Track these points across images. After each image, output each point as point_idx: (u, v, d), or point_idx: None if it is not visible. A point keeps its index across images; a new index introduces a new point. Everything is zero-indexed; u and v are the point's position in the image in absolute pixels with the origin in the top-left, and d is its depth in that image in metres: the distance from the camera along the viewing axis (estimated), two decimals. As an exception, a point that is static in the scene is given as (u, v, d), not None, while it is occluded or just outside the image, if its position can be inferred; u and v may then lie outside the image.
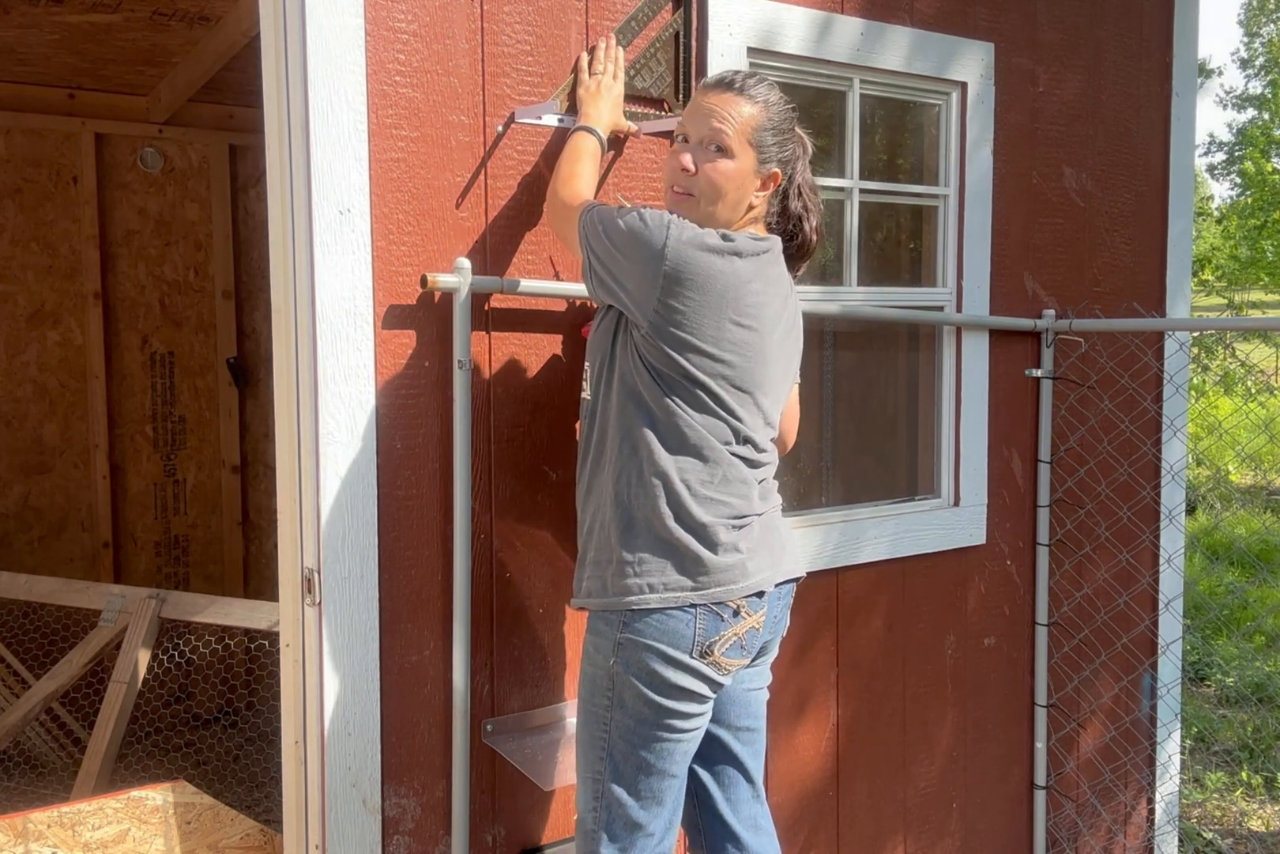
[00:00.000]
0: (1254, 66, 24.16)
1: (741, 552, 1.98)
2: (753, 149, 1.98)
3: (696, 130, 1.99)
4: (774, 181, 2.04)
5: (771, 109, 1.99)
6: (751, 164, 1.99)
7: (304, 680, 2.18)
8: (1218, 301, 12.65)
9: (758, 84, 2.00)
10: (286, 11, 2.07)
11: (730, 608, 1.96)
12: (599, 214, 1.98)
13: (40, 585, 4.00)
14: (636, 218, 1.92)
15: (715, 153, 1.97)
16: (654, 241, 1.89)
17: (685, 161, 1.98)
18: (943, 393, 3.12)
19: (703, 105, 1.99)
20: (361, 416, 2.15)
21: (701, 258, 1.89)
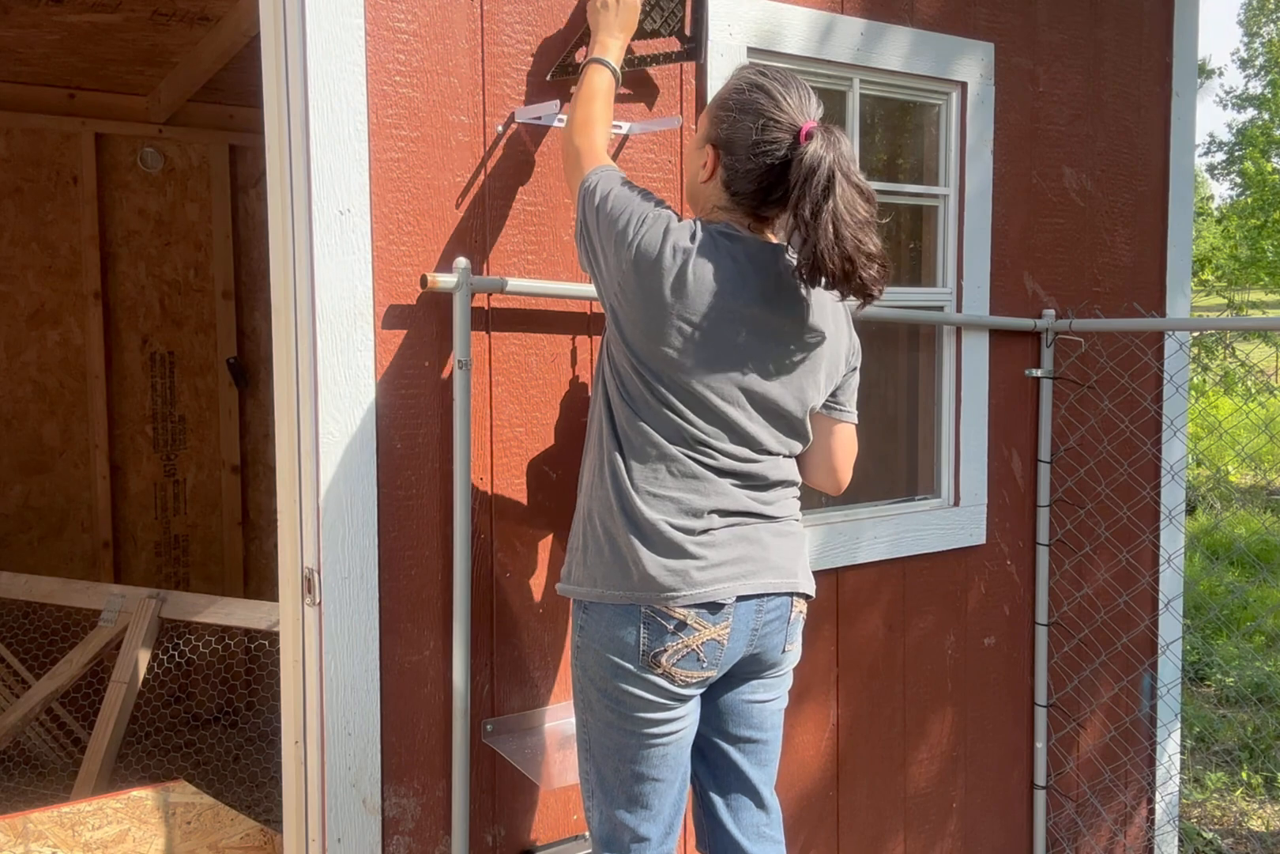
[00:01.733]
0: (1254, 66, 24.16)
1: (695, 558, 1.90)
2: (703, 125, 1.99)
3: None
4: (712, 159, 1.95)
5: (725, 87, 1.96)
6: (696, 140, 2.01)
7: (304, 680, 2.18)
8: (1218, 301, 12.64)
9: (750, 64, 2.03)
10: (286, 11, 2.07)
11: (674, 618, 1.89)
12: (602, 180, 1.97)
13: (40, 585, 4.00)
14: (629, 199, 1.92)
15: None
16: (628, 230, 1.89)
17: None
18: (943, 393, 3.12)
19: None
20: (361, 417, 2.15)
21: (657, 261, 1.87)
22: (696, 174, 1.99)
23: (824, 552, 2.82)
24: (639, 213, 1.90)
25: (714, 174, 1.95)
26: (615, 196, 1.93)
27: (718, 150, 1.94)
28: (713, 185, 1.97)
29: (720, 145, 1.93)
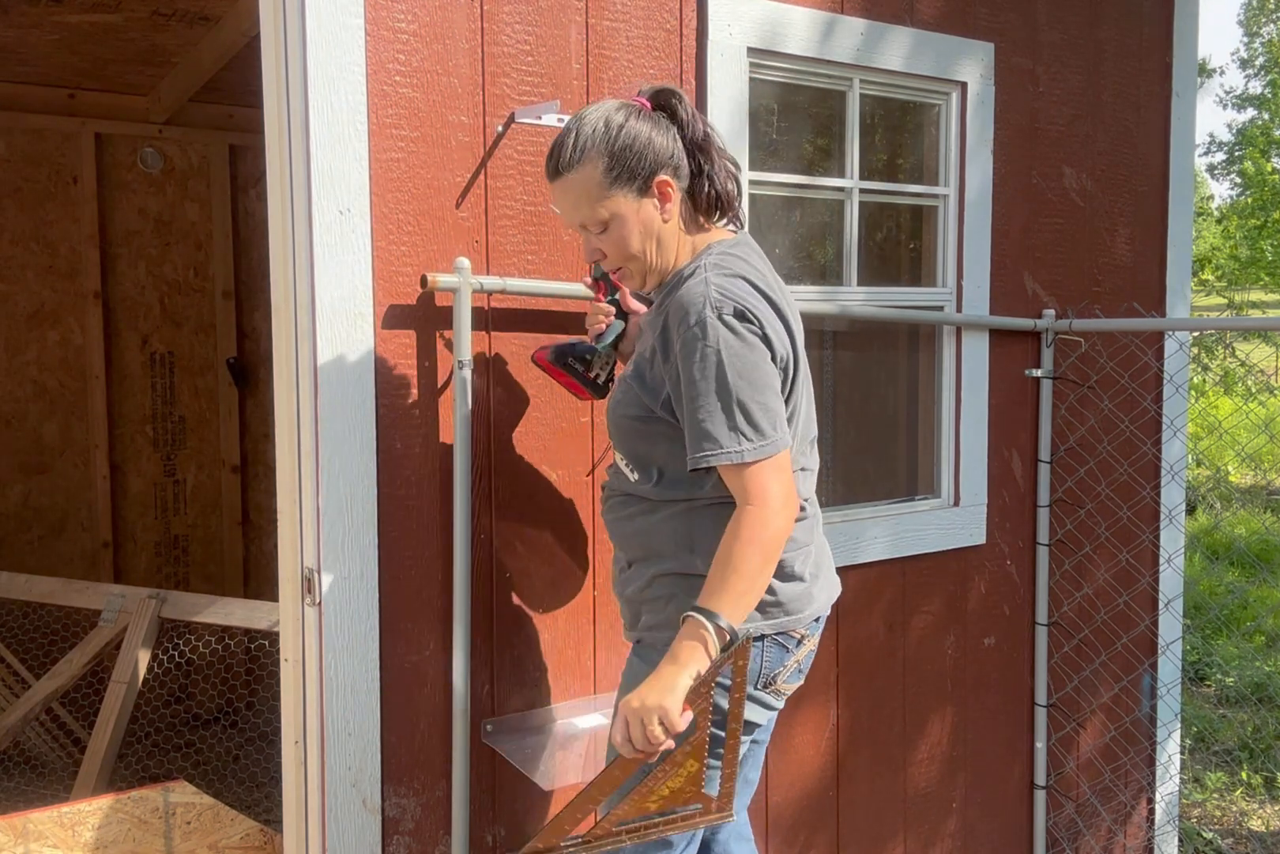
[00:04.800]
0: (1254, 66, 24.17)
1: (805, 579, 1.93)
2: (617, 190, 1.83)
3: (572, 222, 1.91)
4: (667, 186, 1.86)
5: (595, 153, 1.82)
6: (632, 202, 1.84)
7: (304, 680, 2.18)
8: (1218, 301, 12.64)
9: (569, 146, 1.83)
10: (286, 11, 2.07)
11: (795, 637, 1.92)
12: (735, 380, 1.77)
13: (40, 585, 4.00)
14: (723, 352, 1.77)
15: (602, 229, 1.86)
16: (777, 373, 1.83)
17: (593, 255, 1.92)
18: (943, 393, 3.12)
19: (557, 199, 1.90)
20: (361, 417, 2.15)
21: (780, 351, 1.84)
22: (653, 221, 1.87)
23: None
24: (761, 376, 1.79)
25: (672, 201, 1.88)
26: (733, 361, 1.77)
27: (664, 181, 1.85)
28: (675, 213, 1.89)
29: (664, 170, 1.86)
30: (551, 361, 2.18)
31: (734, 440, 1.74)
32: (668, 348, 1.82)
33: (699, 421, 1.76)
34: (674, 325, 1.80)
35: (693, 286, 1.81)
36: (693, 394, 1.76)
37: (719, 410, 1.74)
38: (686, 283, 1.83)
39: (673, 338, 1.80)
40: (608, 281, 2.12)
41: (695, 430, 1.77)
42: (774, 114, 2.87)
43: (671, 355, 1.81)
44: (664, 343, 1.83)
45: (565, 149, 1.84)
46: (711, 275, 1.81)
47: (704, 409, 1.75)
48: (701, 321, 1.75)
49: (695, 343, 1.75)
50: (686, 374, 1.77)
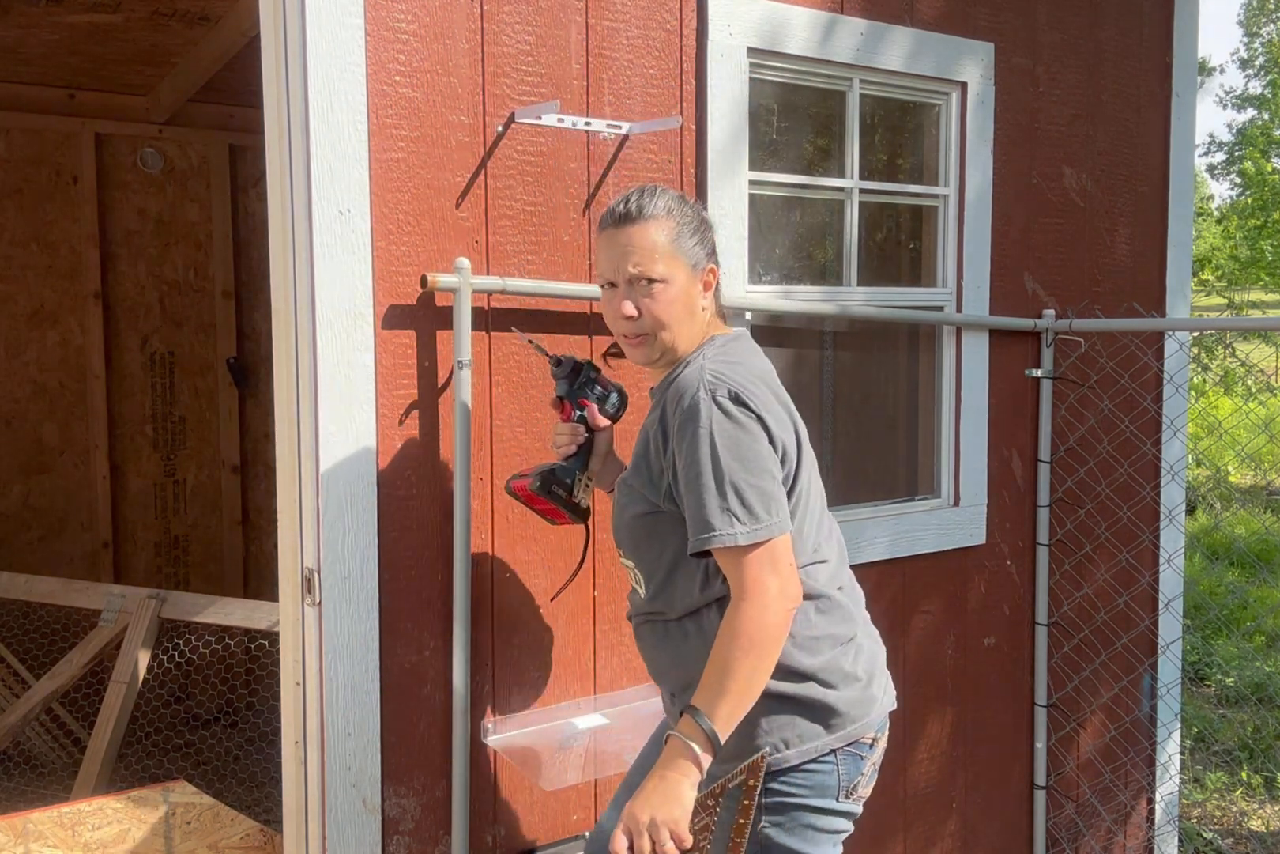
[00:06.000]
0: (1254, 66, 24.18)
1: (861, 678, 1.88)
2: (680, 259, 1.86)
3: (620, 273, 1.86)
4: (713, 276, 1.92)
5: (676, 214, 1.87)
6: (686, 275, 1.87)
7: (304, 681, 2.18)
8: (1218, 301, 12.65)
9: (652, 199, 1.86)
10: (286, 11, 2.07)
11: (866, 742, 1.87)
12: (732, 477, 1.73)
13: (40, 585, 4.00)
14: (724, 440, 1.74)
15: (649, 286, 1.84)
16: (776, 460, 1.79)
17: (626, 310, 1.85)
18: (943, 393, 3.12)
19: (614, 246, 1.86)
20: (362, 417, 2.15)
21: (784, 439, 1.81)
22: (695, 300, 1.89)
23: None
24: (759, 457, 1.75)
25: (711, 292, 1.93)
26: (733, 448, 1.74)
27: (714, 270, 1.93)
28: (708, 302, 1.93)
29: (713, 261, 1.93)
30: (536, 492, 2.08)
31: (726, 522, 1.69)
32: (666, 434, 1.80)
33: (692, 505, 1.73)
34: (670, 410, 1.80)
35: (689, 373, 1.81)
36: (687, 477, 1.74)
37: (712, 492, 1.70)
38: (685, 371, 1.84)
39: (669, 423, 1.79)
40: (573, 401, 2.11)
41: (691, 515, 1.74)
42: (774, 114, 2.87)
43: (669, 441, 1.79)
44: (662, 429, 1.81)
45: (648, 199, 1.86)
46: (708, 362, 1.82)
47: (696, 494, 1.72)
48: (695, 404, 1.74)
49: (689, 425, 1.74)
50: (681, 457, 1.75)
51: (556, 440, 2.12)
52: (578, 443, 2.10)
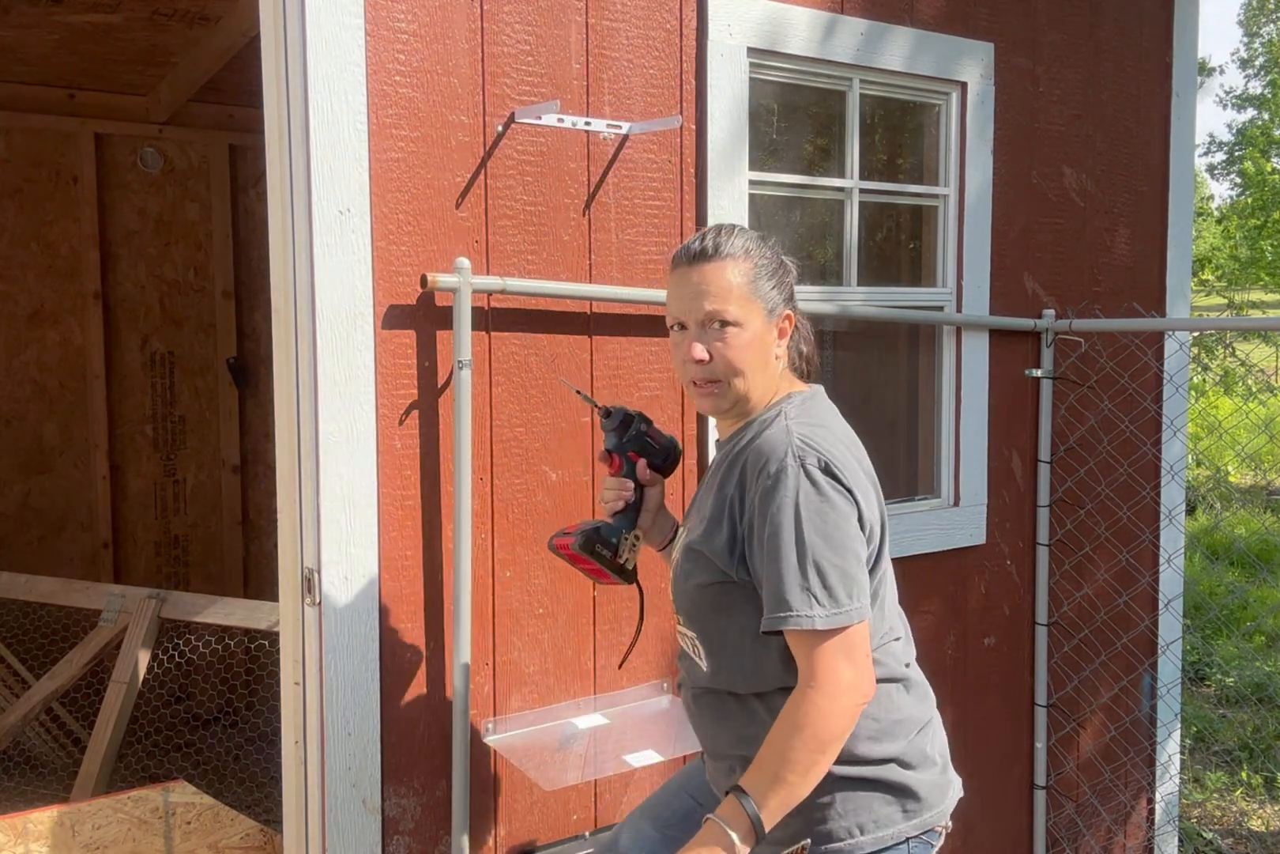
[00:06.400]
0: (1254, 66, 24.18)
1: (939, 762, 1.81)
2: (757, 302, 1.74)
3: (692, 313, 1.74)
4: (790, 323, 1.80)
5: (754, 254, 1.76)
6: (762, 319, 1.74)
7: (304, 680, 2.18)
8: (1218, 301, 12.65)
9: (729, 237, 1.76)
10: (286, 11, 2.07)
11: (938, 832, 1.79)
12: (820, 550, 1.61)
13: (40, 585, 4.00)
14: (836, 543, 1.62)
15: (722, 329, 1.72)
16: (860, 536, 1.69)
17: (697, 352, 1.72)
18: (943, 393, 3.12)
19: (687, 285, 1.74)
20: (362, 417, 2.15)
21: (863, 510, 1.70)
22: (770, 347, 1.77)
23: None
24: (845, 537, 1.64)
25: (786, 339, 1.81)
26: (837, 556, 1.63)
27: (790, 316, 1.81)
28: (782, 350, 1.81)
29: (791, 307, 1.82)
30: (579, 551, 1.93)
31: (805, 603, 1.57)
32: (745, 499, 1.67)
33: (770, 580, 1.60)
34: (751, 474, 1.67)
35: (773, 435, 1.68)
36: (767, 549, 1.61)
37: (793, 568, 1.58)
38: (766, 431, 1.71)
39: (749, 487, 1.66)
40: (621, 454, 1.97)
41: (768, 590, 1.61)
42: (774, 114, 2.87)
43: (748, 507, 1.66)
44: (740, 493, 1.69)
45: (725, 237, 1.75)
46: (793, 423, 1.69)
47: (776, 566, 1.59)
48: (782, 470, 1.62)
49: (773, 493, 1.62)
50: (762, 527, 1.62)
51: (604, 496, 1.97)
52: (625, 499, 1.94)
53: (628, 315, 2.50)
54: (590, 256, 2.43)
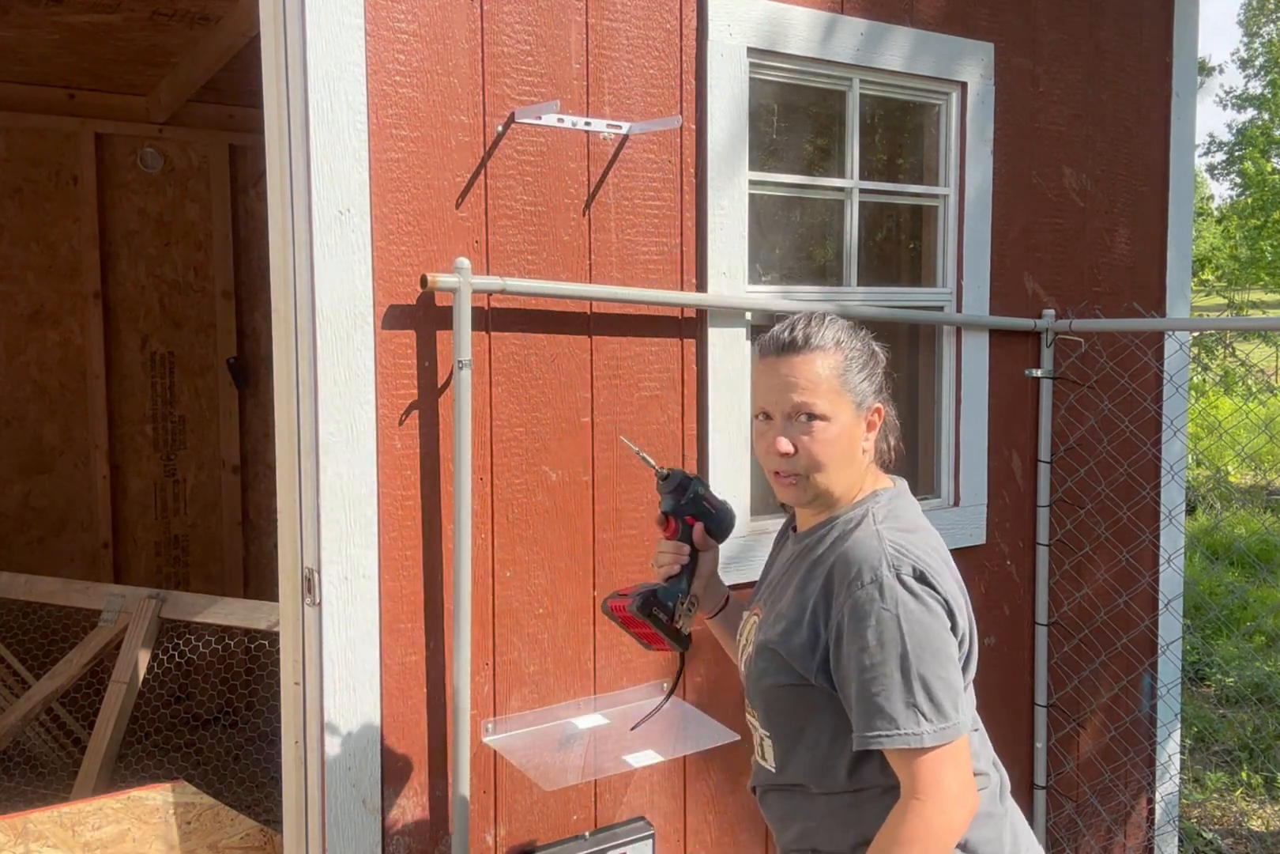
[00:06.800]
0: (1254, 66, 24.19)
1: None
2: (846, 396, 1.71)
3: (778, 405, 1.70)
4: (879, 416, 1.76)
5: (845, 346, 1.73)
6: (850, 413, 1.71)
7: (304, 680, 2.18)
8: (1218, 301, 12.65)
9: (820, 328, 1.73)
10: (286, 12, 2.07)
11: None
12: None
13: (40, 585, 4.00)
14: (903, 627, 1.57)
15: (808, 422, 1.68)
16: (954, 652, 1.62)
17: (782, 446, 1.69)
18: (943, 393, 3.12)
19: (775, 376, 1.71)
20: (362, 417, 2.15)
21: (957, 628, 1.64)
22: (857, 442, 1.73)
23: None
24: (939, 654, 1.58)
25: (875, 433, 1.77)
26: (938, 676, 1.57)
27: (879, 409, 1.77)
28: (871, 438, 1.77)
29: (880, 400, 1.78)
30: (635, 613, 1.89)
31: (912, 720, 1.52)
32: (831, 605, 1.63)
33: (871, 695, 1.54)
34: (840, 580, 1.62)
35: (864, 539, 1.64)
36: (865, 663, 1.55)
37: (896, 684, 1.53)
38: (855, 533, 1.66)
39: (837, 593, 1.62)
40: (679, 518, 1.94)
41: (865, 705, 1.55)
42: (774, 114, 2.87)
43: (834, 614, 1.62)
44: (826, 598, 1.64)
45: (814, 332, 1.72)
46: (884, 528, 1.65)
47: (877, 681, 1.54)
48: (878, 581, 1.57)
49: (870, 605, 1.56)
50: (857, 639, 1.57)
51: (659, 559, 1.93)
52: (681, 563, 1.91)
53: (628, 315, 2.50)
54: (590, 256, 2.43)
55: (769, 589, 1.83)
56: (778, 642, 1.68)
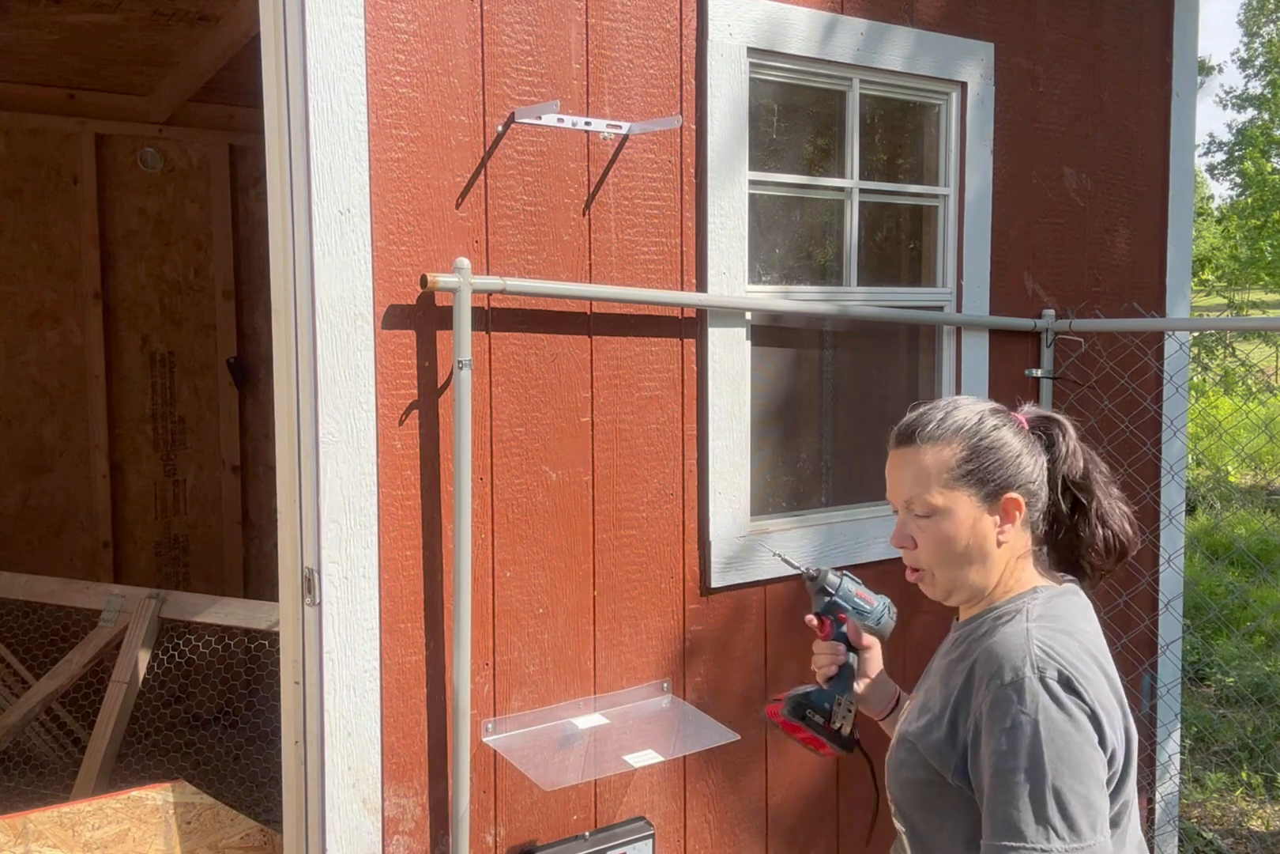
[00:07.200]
0: (1254, 66, 24.20)
1: None
2: (963, 489, 1.61)
3: (895, 500, 1.68)
4: (1017, 508, 1.62)
5: (965, 435, 1.63)
6: (970, 507, 1.61)
7: (304, 680, 2.18)
8: (1218, 301, 12.66)
9: (940, 416, 1.66)
10: (286, 11, 2.07)
11: None
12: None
13: (40, 585, 4.00)
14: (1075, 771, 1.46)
15: (920, 518, 1.63)
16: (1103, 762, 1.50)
17: (895, 540, 1.68)
18: (943, 393, 3.12)
19: (891, 468, 1.69)
20: (362, 417, 2.15)
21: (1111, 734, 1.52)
22: (985, 536, 1.62)
23: (824, 551, 2.82)
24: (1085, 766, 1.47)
25: (1014, 524, 1.64)
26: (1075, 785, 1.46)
27: (1014, 500, 1.63)
28: (1012, 538, 1.64)
29: (1018, 489, 1.63)
30: (788, 717, 1.84)
31: (1042, 836, 1.43)
32: (969, 701, 1.55)
33: (1000, 804, 1.46)
34: (981, 679, 1.53)
35: (1011, 636, 1.54)
36: (998, 769, 1.47)
37: (1026, 795, 1.44)
38: (1003, 629, 1.57)
39: (977, 690, 1.53)
40: (833, 616, 1.88)
41: (995, 814, 1.47)
42: (774, 114, 2.87)
43: (974, 712, 1.53)
44: (965, 694, 1.56)
45: (930, 422, 1.66)
46: (1034, 627, 1.55)
47: (1008, 789, 1.45)
48: (1019, 682, 1.48)
49: (1008, 706, 1.47)
50: (992, 743, 1.48)
51: (816, 661, 1.87)
52: (839, 663, 1.85)
53: (628, 315, 2.50)
54: (590, 257, 2.43)
55: (927, 677, 1.75)
56: (917, 735, 1.61)
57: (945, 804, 1.59)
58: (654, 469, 2.56)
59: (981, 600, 1.65)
